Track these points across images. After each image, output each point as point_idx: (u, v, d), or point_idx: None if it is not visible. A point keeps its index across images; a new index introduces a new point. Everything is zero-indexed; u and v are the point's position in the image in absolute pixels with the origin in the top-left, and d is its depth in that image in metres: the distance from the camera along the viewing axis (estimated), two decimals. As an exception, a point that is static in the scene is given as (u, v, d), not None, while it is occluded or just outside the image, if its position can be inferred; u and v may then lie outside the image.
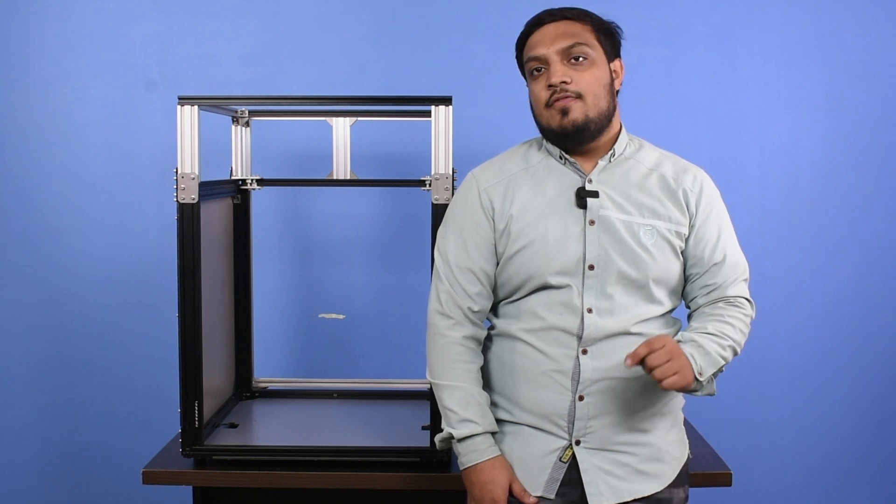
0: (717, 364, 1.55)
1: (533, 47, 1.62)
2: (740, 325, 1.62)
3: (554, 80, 1.58)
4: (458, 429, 1.62)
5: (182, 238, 1.91)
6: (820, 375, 2.85)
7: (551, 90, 1.59)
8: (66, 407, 2.80)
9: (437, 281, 1.69)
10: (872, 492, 2.90)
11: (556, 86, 1.58)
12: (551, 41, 1.60)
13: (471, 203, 1.68)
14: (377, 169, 2.71)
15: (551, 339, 1.60)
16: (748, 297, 1.67)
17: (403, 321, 2.75)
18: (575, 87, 1.58)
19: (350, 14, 2.73)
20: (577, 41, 1.59)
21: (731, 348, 1.59)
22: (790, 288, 2.82)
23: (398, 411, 2.29)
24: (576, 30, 1.60)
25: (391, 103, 2.18)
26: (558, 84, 1.58)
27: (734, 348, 1.60)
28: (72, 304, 2.77)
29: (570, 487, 1.62)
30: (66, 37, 2.70)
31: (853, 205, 2.81)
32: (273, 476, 1.94)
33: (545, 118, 1.62)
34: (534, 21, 1.65)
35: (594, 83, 1.60)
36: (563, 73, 1.58)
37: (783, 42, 2.76)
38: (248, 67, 2.73)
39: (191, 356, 1.94)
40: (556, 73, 1.58)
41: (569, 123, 1.59)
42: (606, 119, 1.62)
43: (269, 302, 2.71)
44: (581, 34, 1.60)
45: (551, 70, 1.59)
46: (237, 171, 2.37)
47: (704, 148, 2.75)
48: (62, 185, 2.74)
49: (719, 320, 1.61)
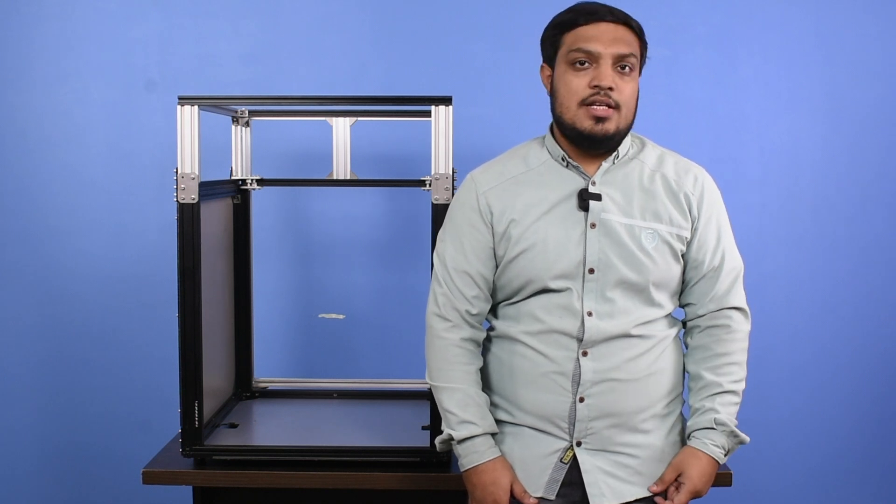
0: (739, 437, 1.64)
1: (587, 40, 1.56)
2: (744, 357, 1.67)
3: (605, 82, 1.54)
4: (458, 430, 1.62)
5: (182, 238, 1.91)
6: (820, 375, 2.85)
7: (594, 90, 1.55)
8: (66, 407, 2.79)
9: (436, 284, 1.69)
10: (872, 492, 2.90)
11: (602, 88, 1.55)
12: (610, 42, 1.55)
13: (469, 207, 1.67)
14: (377, 169, 2.70)
15: (551, 342, 1.60)
16: (745, 308, 1.68)
17: (403, 321, 2.74)
18: (618, 96, 1.56)
19: (350, 14, 2.72)
20: (633, 52, 1.57)
21: (742, 391, 1.66)
22: (790, 288, 2.82)
23: (398, 411, 2.29)
24: (632, 39, 1.58)
25: (391, 103, 2.18)
26: (607, 88, 1.54)
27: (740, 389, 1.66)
28: (72, 304, 2.76)
29: (571, 488, 1.62)
30: (66, 37, 2.70)
31: (853, 205, 2.81)
32: (273, 476, 1.94)
33: (573, 115, 1.58)
34: (589, 10, 1.58)
35: (632, 97, 1.59)
36: (612, 79, 1.55)
37: (783, 42, 2.75)
38: (248, 67, 2.72)
39: (191, 356, 1.94)
40: (606, 77, 1.54)
41: (601, 131, 1.57)
42: (627, 132, 1.62)
43: (269, 302, 2.70)
44: (634, 46, 1.58)
45: (601, 71, 1.55)
46: (237, 171, 2.37)
47: (704, 148, 2.75)
48: (62, 185, 2.74)
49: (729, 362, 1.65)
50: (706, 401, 1.64)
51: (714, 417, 1.62)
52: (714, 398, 1.63)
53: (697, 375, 1.67)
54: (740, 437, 1.64)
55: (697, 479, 1.61)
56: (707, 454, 1.62)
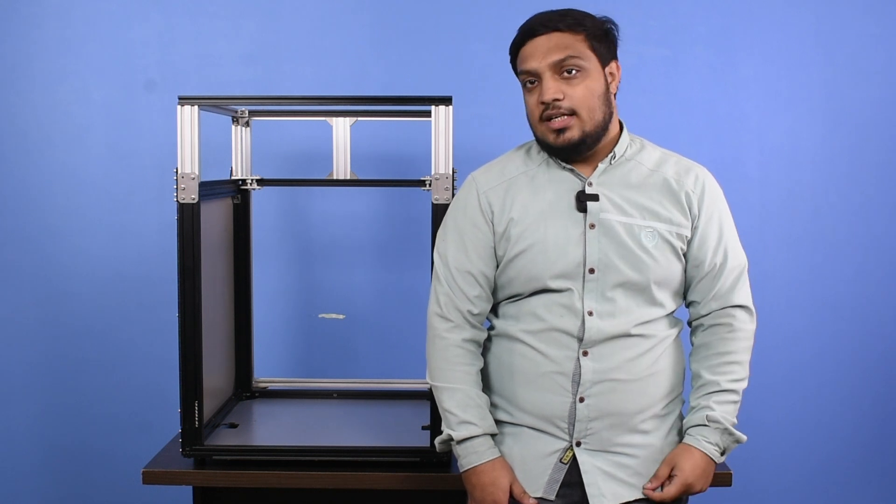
0: (734, 435, 1.63)
1: (525, 60, 1.59)
2: (746, 356, 1.67)
3: (546, 97, 1.56)
4: (458, 431, 1.62)
5: (182, 238, 1.91)
6: (820, 375, 2.85)
7: (544, 106, 1.57)
8: (66, 407, 2.79)
9: (437, 283, 1.69)
10: (872, 492, 2.90)
11: (548, 103, 1.56)
12: (543, 55, 1.56)
13: (470, 206, 1.67)
14: (377, 169, 2.70)
15: (552, 341, 1.60)
16: (750, 306, 1.67)
17: (403, 321, 2.74)
18: (568, 102, 1.56)
19: (350, 14, 2.72)
20: (570, 54, 1.56)
21: (742, 389, 1.66)
22: (790, 288, 2.82)
23: (398, 411, 2.29)
24: (568, 41, 1.57)
25: (391, 103, 2.18)
26: (550, 101, 1.56)
27: (743, 386, 1.66)
28: (71, 304, 2.76)
29: (571, 489, 1.62)
30: (66, 37, 2.70)
31: (853, 205, 2.81)
32: (273, 476, 1.94)
33: (540, 131, 1.62)
34: (526, 30, 1.60)
35: (588, 96, 1.57)
36: (555, 90, 1.55)
37: (783, 42, 2.75)
38: (248, 67, 2.73)
39: (191, 356, 1.94)
40: (548, 91, 1.56)
41: (564, 142, 1.58)
42: (603, 129, 1.61)
43: (269, 302, 2.71)
44: (574, 45, 1.57)
45: (543, 86, 1.57)
46: (237, 171, 2.37)
47: (704, 148, 2.75)
48: (62, 185, 2.74)
49: (729, 361, 1.65)
50: (702, 399, 1.65)
51: (707, 414, 1.62)
52: (710, 396, 1.64)
53: (697, 374, 1.68)
54: (735, 435, 1.63)
55: (690, 472, 1.60)
56: (699, 450, 1.61)
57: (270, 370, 2.64)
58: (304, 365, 2.81)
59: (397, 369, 2.64)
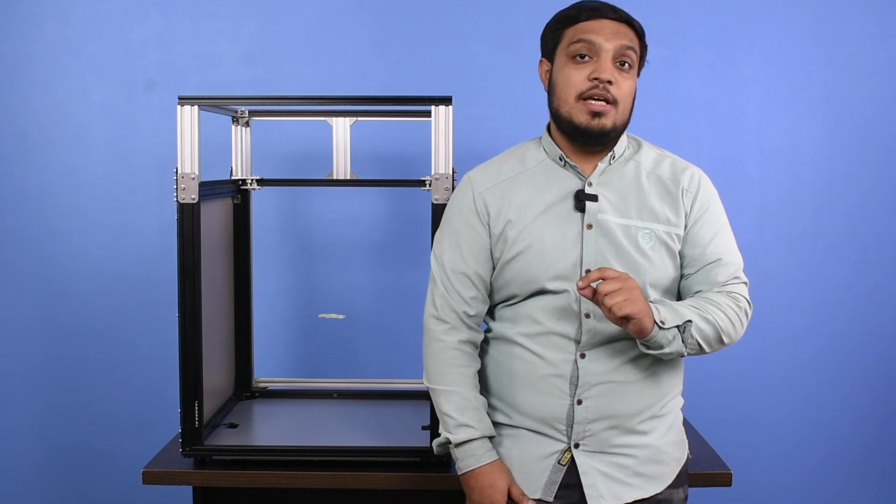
0: (683, 317, 1.50)
1: (589, 31, 1.55)
2: (727, 310, 1.56)
3: (604, 75, 1.53)
4: (456, 434, 1.62)
5: (182, 238, 1.91)
6: (820, 375, 2.85)
7: (593, 83, 1.54)
8: (66, 407, 2.80)
9: (433, 285, 1.69)
10: (872, 492, 2.90)
11: (602, 81, 1.54)
12: (612, 35, 1.55)
13: (466, 207, 1.67)
14: (377, 169, 2.71)
15: (549, 344, 1.60)
16: (745, 296, 1.63)
17: (403, 321, 2.74)
18: (616, 91, 1.55)
19: (350, 14, 2.73)
20: (633, 46, 1.57)
21: (708, 321, 1.52)
22: (790, 288, 2.82)
23: (398, 411, 2.29)
24: (632, 36, 1.57)
25: (391, 103, 2.18)
26: (605, 81, 1.54)
27: (713, 323, 1.53)
28: (71, 304, 2.77)
29: (569, 490, 1.61)
30: (66, 37, 2.70)
31: (853, 205, 2.81)
32: (273, 476, 1.94)
33: (570, 109, 1.57)
34: (592, 7, 1.58)
35: (629, 93, 1.58)
36: (612, 73, 1.54)
37: (783, 42, 2.76)
38: (248, 67, 2.73)
39: (191, 356, 1.94)
40: (606, 70, 1.54)
41: (597, 126, 1.56)
42: (623, 129, 1.61)
43: (269, 302, 2.71)
44: (634, 42, 1.58)
45: (601, 64, 1.54)
46: (237, 171, 2.37)
47: (704, 148, 2.75)
48: (62, 185, 2.74)
49: (702, 299, 1.57)
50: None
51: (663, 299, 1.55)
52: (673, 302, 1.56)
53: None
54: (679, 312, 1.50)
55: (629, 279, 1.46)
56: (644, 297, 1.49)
57: (270, 370, 2.64)
58: (304, 365, 2.82)
59: (397, 369, 2.64)
